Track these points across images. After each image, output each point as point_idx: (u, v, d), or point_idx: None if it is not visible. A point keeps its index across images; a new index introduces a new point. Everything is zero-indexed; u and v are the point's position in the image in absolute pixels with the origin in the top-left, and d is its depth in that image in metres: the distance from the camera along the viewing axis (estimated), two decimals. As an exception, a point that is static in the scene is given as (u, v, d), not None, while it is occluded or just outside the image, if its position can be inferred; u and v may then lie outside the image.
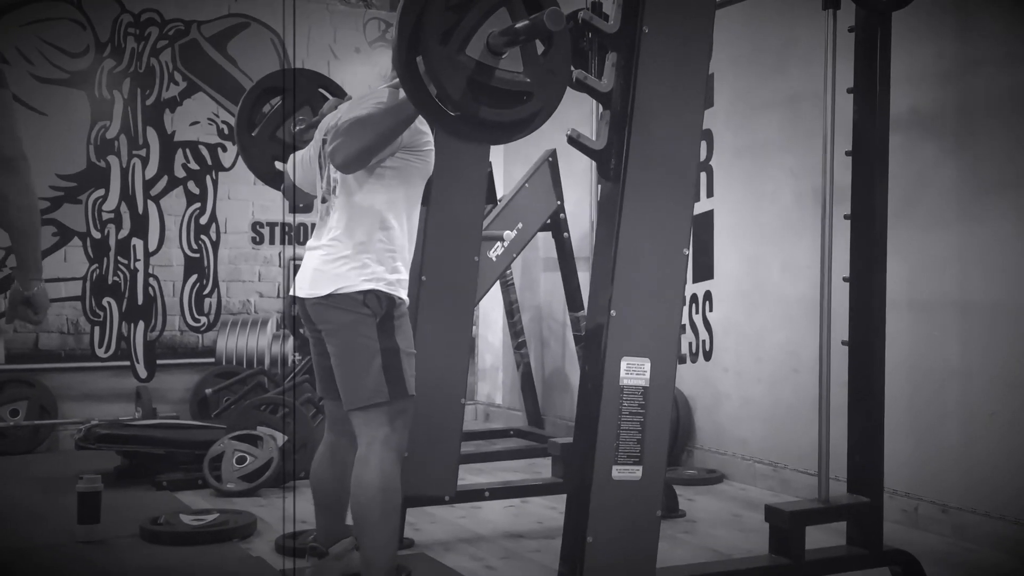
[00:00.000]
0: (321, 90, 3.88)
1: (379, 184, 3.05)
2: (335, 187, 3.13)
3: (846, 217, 3.47)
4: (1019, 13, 3.92)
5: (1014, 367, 3.90)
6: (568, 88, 2.84)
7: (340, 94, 3.94)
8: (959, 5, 4.12)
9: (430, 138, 3.11)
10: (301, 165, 3.41)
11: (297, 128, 3.83)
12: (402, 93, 2.45)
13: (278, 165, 3.74)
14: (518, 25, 2.36)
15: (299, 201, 3.48)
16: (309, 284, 3.10)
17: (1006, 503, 3.91)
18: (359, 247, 3.04)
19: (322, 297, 3.05)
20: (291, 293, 3.23)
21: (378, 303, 3.02)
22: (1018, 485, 3.88)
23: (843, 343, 3.43)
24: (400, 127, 2.86)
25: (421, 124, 3.03)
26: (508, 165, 6.94)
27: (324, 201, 3.20)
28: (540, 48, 2.50)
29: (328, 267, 3.07)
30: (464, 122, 2.41)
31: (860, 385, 3.44)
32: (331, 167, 3.11)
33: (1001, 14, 3.98)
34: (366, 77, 6.98)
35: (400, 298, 3.08)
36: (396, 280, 3.08)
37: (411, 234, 3.16)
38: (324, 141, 3.21)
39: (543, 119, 2.54)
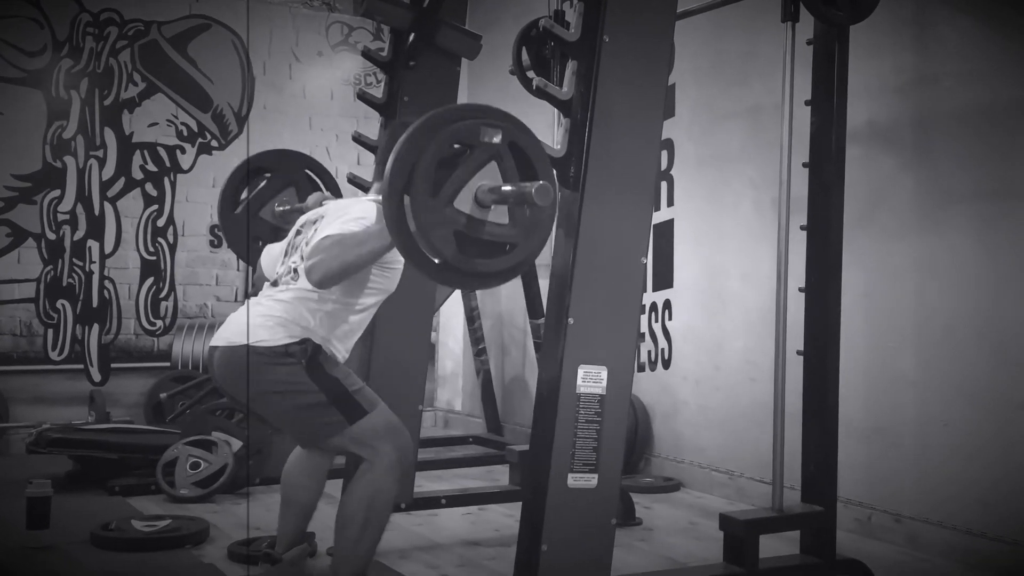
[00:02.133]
0: (307, 171, 3.99)
1: (339, 288, 3.03)
2: (292, 272, 3.11)
3: (803, 228, 3.50)
4: (977, 28, 3.97)
5: (969, 378, 3.94)
6: (530, 95, 2.85)
7: (326, 178, 4.05)
8: (917, 19, 4.16)
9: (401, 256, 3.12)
10: (275, 258, 3.36)
11: (279, 208, 3.93)
12: None
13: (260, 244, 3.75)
14: (505, 188, 2.42)
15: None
16: (230, 334, 3.08)
17: (959, 513, 3.94)
18: (290, 317, 3.03)
19: (240, 346, 3.00)
20: (211, 344, 3.19)
21: (301, 350, 2.99)
22: (971, 495, 3.91)
23: (798, 353, 3.46)
24: (381, 252, 2.84)
25: None
26: (470, 171, 6.93)
27: (275, 284, 3.18)
28: None
29: (255, 320, 3.03)
30: (451, 271, 2.46)
31: (815, 395, 3.46)
32: (296, 255, 3.11)
33: (959, 29, 4.02)
34: (328, 81, 6.96)
35: (325, 351, 3.04)
36: (323, 339, 3.05)
37: (355, 331, 3.15)
38: (299, 232, 3.22)
39: (525, 267, 2.61)
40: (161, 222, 6.54)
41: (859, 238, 4.11)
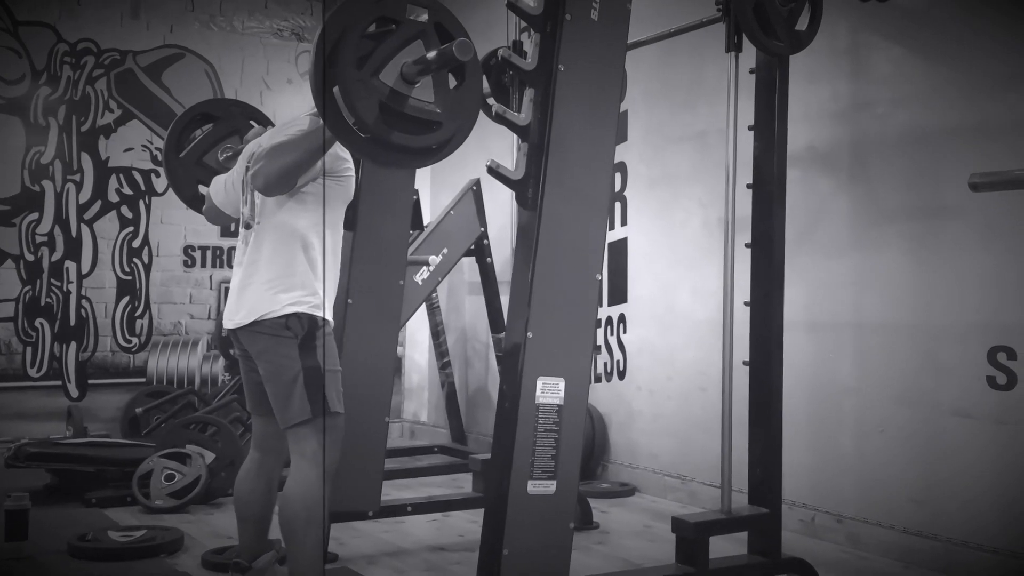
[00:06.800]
0: (251, 121, 3.98)
1: (300, 208, 3.12)
2: (257, 211, 3.19)
3: (747, 245, 3.63)
4: (907, 57, 4.15)
5: (903, 385, 4.10)
6: (490, 121, 2.97)
7: (270, 127, 4.02)
8: (852, 50, 4.33)
9: (350, 164, 3.20)
10: (224, 188, 3.46)
11: (223, 156, 3.91)
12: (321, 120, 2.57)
13: (201, 189, 3.79)
14: (429, 55, 2.50)
15: (219, 222, 3.56)
16: (234, 314, 3.18)
17: (895, 513, 4.10)
18: (281, 270, 3.11)
19: (247, 325, 3.13)
20: (223, 324, 3.29)
21: (299, 324, 3.08)
22: (905, 496, 4.07)
23: (744, 363, 3.59)
24: (319, 152, 2.93)
25: (341, 151, 3.13)
26: (434, 192, 7.05)
27: (248, 227, 3.25)
28: (454, 82, 2.64)
29: (250, 293, 3.14)
30: (375, 145, 2.52)
31: (760, 403, 3.56)
32: (254, 192, 3.17)
33: (891, 58, 4.20)
34: (298, 108, 6.97)
35: (323, 318, 3.13)
36: (318, 302, 3.12)
37: (334, 255, 3.22)
38: (247, 168, 3.26)
39: (453, 147, 2.66)
40: (136, 243, 6.63)
41: (800, 255, 4.25)
